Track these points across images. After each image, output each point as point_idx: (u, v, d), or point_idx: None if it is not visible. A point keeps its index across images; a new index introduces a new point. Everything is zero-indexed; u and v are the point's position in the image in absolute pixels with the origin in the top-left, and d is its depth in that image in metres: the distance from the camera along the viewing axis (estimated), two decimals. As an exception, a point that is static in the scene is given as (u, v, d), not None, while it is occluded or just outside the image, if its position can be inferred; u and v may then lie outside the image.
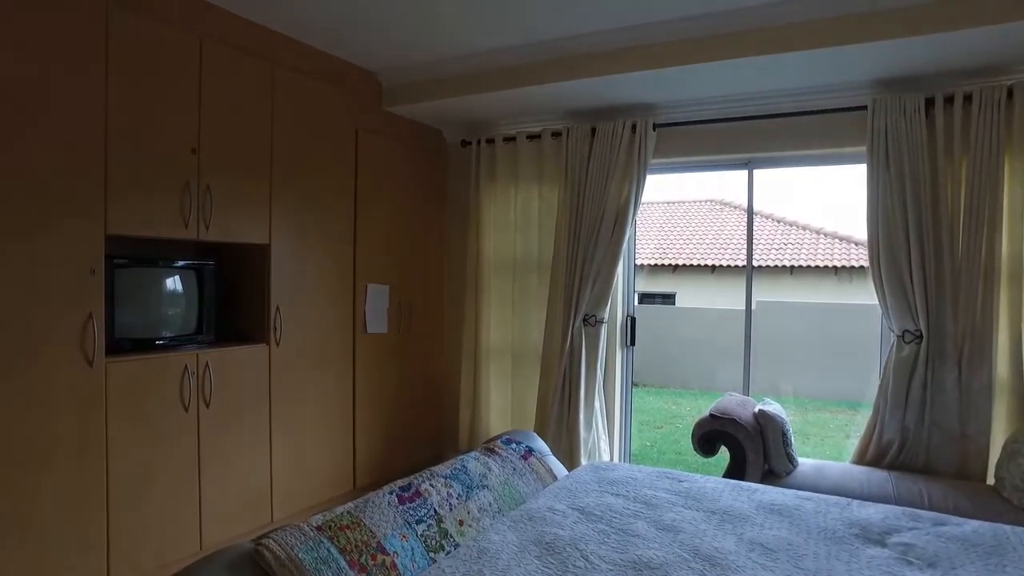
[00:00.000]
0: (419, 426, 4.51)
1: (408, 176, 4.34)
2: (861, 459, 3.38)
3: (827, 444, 7.10)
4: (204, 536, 3.00)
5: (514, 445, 2.53)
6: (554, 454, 3.64)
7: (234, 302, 3.42)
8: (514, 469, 2.38)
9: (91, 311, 2.53)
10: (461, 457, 2.33)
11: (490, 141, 4.46)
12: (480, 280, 4.46)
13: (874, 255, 3.35)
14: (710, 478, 2.63)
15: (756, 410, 3.25)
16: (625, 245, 4.01)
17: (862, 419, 4.28)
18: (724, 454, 3.23)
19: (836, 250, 10.91)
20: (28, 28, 2.31)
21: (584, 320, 4.07)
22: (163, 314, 3.01)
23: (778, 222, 12.51)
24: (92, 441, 2.55)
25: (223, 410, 3.08)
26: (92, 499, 2.55)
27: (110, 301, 2.65)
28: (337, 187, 3.74)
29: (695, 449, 3.25)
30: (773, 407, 3.29)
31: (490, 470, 2.29)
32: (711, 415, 3.20)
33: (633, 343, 4.36)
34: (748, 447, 3.07)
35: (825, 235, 11.34)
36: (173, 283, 3.06)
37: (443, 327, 4.80)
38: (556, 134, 4.22)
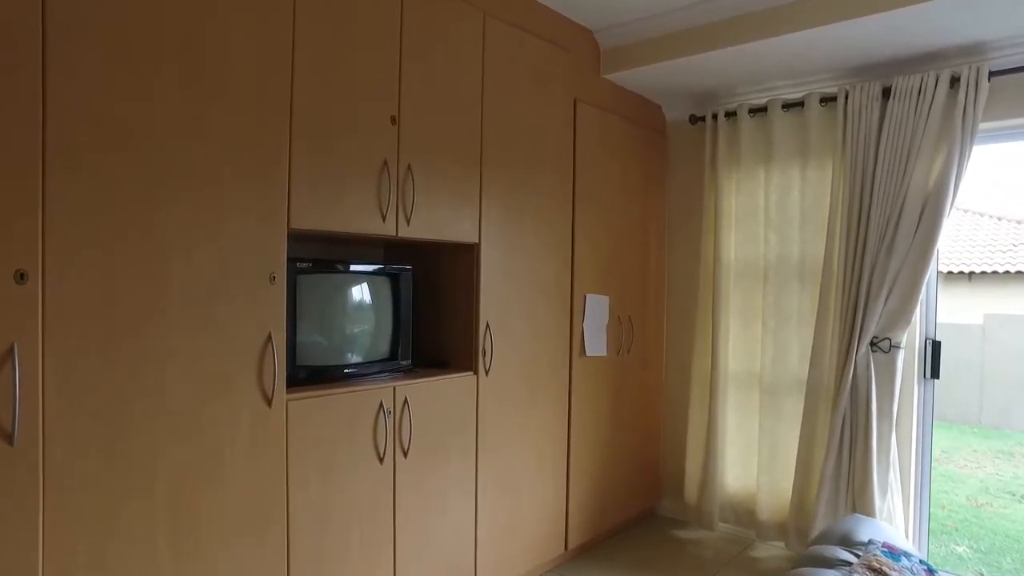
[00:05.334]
0: (636, 472, 3.61)
1: (630, 160, 3.47)
2: None
3: None
4: (397, 617, 2.30)
5: (904, 560, 1.55)
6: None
7: (427, 317, 2.73)
8: (917, 611, 1.42)
9: (270, 331, 1.89)
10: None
11: (730, 114, 3.49)
12: (718, 290, 3.48)
13: None
14: None
15: None
16: (936, 245, 2.91)
17: None
18: None
19: None
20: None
21: (872, 344, 3.00)
22: (352, 335, 2.34)
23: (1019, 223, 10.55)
24: (272, 502, 1.90)
25: (422, 459, 2.37)
26: (271, 571, 1.91)
27: (291, 318, 2.01)
28: (553, 170, 2.94)
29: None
30: None
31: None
32: None
33: (936, 375, 3.19)
34: None
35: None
36: (364, 293, 2.39)
37: (667, 349, 3.88)
38: (827, 99, 3.18)
